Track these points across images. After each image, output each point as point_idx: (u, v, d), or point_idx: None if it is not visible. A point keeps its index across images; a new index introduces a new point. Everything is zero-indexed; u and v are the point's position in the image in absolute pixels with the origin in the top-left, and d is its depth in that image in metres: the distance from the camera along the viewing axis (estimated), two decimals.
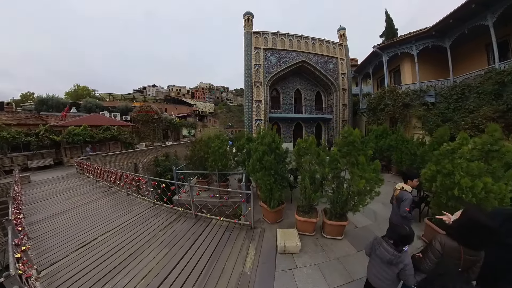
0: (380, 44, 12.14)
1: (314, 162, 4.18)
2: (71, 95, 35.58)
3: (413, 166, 7.49)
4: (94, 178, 9.70)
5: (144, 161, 15.50)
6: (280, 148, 4.88)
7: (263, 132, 6.33)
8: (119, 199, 7.06)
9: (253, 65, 15.93)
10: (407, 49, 11.11)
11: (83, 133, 14.38)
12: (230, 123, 60.59)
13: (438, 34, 9.92)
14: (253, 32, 16.16)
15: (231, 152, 7.16)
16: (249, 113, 15.83)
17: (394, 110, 11.30)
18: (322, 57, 17.24)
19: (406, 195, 2.95)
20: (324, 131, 19.70)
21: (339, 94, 17.54)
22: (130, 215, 5.51)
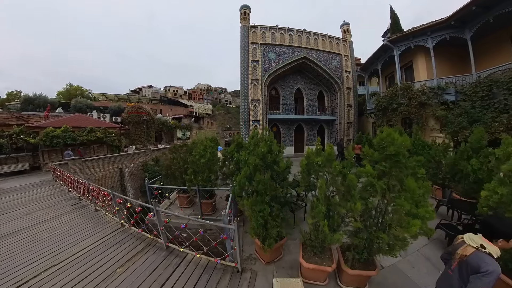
0: (391, 37, 10.98)
1: (335, 187, 2.86)
2: (63, 94, 34.38)
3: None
4: (67, 187, 8.52)
5: (131, 166, 14.21)
6: (279, 163, 3.57)
7: (257, 137, 5.04)
8: (86, 215, 5.93)
9: (250, 61, 14.80)
10: (421, 42, 10.00)
11: (64, 135, 13.09)
12: (228, 125, 59.39)
13: (458, 24, 8.77)
14: (250, 26, 15.11)
15: (217, 162, 5.86)
16: (245, 113, 14.62)
17: (408, 110, 10.12)
18: (325, 53, 16.18)
19: (490, 265, 1.49)
20: (327, 134, 18.54)
21: (344, 94, 16.39)
22: (90, 240, 4.40)
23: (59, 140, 12.89)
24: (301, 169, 3.37)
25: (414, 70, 11.12)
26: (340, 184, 2.71)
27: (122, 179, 13.18)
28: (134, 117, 17.53)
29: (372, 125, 15.72)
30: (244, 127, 14.56)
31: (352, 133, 16.34)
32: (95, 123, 15.59)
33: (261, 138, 4.33)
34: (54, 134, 12.77)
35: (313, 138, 18.17)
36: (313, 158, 3.20)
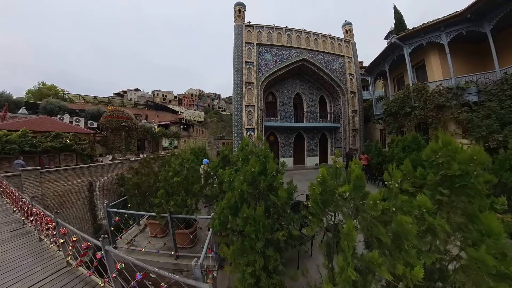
0: (400, 34, 10.51)
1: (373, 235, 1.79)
2: (34, 94, 32.22)
3: None
4: (13, 206, 7.29)
5: (104, 179, 12.88)
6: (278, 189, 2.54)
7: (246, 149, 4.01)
8: (26, 246, 4.75)
9: (244, 63, 14.21)
10: (434, 38, 9.55)
11: (21, 140, 11.75)
12: (222, 134, 58.46)
13: (475, 17, 8.34)
14: (244, 25, 14.72)
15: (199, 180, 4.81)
16: (238, 120, 13.74)
17: (424, 114, 9.41)
18: (326, 55, 15.84)
19: None
20: (330, 143, 17.79)
21: (347, 99, 15.84)
22: (21, 285, 3.27)
23: (14, 146, 11.52)
24: (311, 201, 2.34)
25: (427, 70, 10.64)
26: (383, 232, 1.65)
27: (91, 195, 11.80)
28: (113, 122, 16.40)
29: (380, 132, 15.09)
30: (237, 136, 13.61)
31: (358, 141, 15.60)
32: (64, 128, 14.35)
33: (253, 150, 3.33)
34: (8, 138, 11.42)
35: (315, 147, 17.33)
36: (331, 184, 2.18)
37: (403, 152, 9.09)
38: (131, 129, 17.19)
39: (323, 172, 2.33)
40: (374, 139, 14.97)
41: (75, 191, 11.09)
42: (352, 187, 1.94)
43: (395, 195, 1.84)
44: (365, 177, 8.28)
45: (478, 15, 8.25)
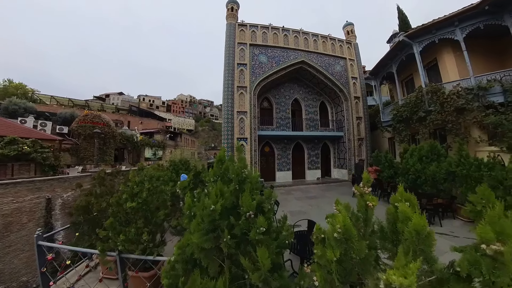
0: (409, 31, 10.13)
1: None
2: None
3: None
4: None
5: (67, 196, 11.50)
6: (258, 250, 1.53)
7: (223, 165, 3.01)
8: None
9: (236, 65, 13.67)
10: (448, 34, 9.19)
11: None
12: (213, 144, 57.15)
13: (493, 9, 7.97)
14: (237, 23, 14.42)
15: (165, 206, 3.82)
16: (228, 129, 12.89)
17: (442, 118, 8.72)
18: (326, 57, 15.58)
19: None
20: (333, 154, 17.09)
21: (351, 104, 15.34)
22: None
23: None
24: (318, 275, 1.36)
25: (440, 69, 10.26)
26: None
27: (48, 215, 10.40)
28: (87, 128, 15.16)
29: (389, 141, 14.49)
30: (226, 146, 12.66)
31: (365, 151, 14.89)
32: (23, 133, 12.99)
33: (228, 168, 2.42)
34: None
35: (316, 159, 16.51)
36: (361, 245, 1.24)
37: (420, 163, 8.38)
38: (107, 137, 15.96)
39: (343, 218, 1.34)
40: (383, 148, 14.32)
41: (27, 209, 9.71)
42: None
43: None
44: (376, 193, 7.27)
45: (497, 7, 7.87)
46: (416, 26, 10.03)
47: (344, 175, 15.36)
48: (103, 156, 15.83)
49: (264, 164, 15.43)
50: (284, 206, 8.63)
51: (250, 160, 12.57)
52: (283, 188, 13.03)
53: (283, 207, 8.46)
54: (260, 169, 14.65)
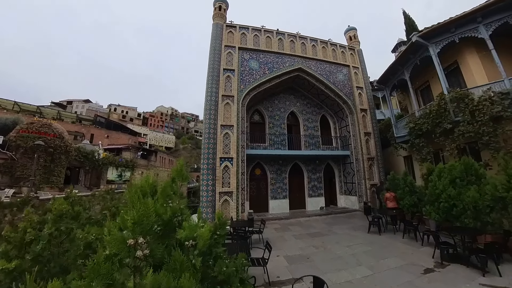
0: (424, 31, 9.74)
1: None
2: None
3: None
4: None
5: None
6: None
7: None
8: None
9: (221, 70, 13.02)
10: (470, 32, 8.79)
11: None
12: (196, 165, 54.66)
13: None
14: (225, 24, 14.16)
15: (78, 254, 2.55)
16: (209, 146, 11.74)
17: (475, 130, 7.89)
18: (327, 64, 15.40)
19: None
20: (338, 177, 16.11)
21: (357, 118, 14.78)
22: None
23: None
24: None
25: (463, 73, 9.81)
26: None
27: None
28: (29, 139, 13.47)
29: (405, 161, 13.72)
30: (206, 167, 11.35)
31: (377, 174, 13.92)
32: None
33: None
34: None
35: (318, 184, 15.35)
36: None
37: (453, 188, 7.31)
38: (58, 152, 14.30)
39: None
40: (398, 169, 13.43)
41: None
42: None
43: None
44: (396, 226, 5.92)
45: None
46: (432, 25, 9.65)
47: (354, 203, 14.13)
48: (49, 176, 14.04)
49: (254, 191, 14.10)
50: (280, 248, 7.16)
51: (235, 185, 11.22)
52: (278, 222, 11.57)
53: (278, 250, 6.99)
54: (250, 197, 13.35)
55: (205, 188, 10.86)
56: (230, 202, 10.96)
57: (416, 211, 9.10)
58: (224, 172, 11.43)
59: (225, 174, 11.40)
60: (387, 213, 9.39)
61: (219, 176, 11.21)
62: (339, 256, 6.55)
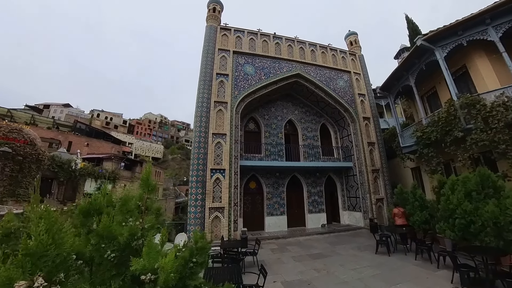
0: (429, 34, 9.71)
1: None
2: None
3: None
4: None
5: None
6: None
7: None
8: None
9: (214, 75, 12.90)
10: (479, 35, 8.77)
11: None
12: (186, 178, 53.70)
13: None
14: (219, 26, 14.24)
15: None
16: (199, 157, 11.33)
17: (490, 138, 7.67)
18: (327, 70, 15.49)
19: None
20: (341, 191, 15.76)
21: (359, 127, 14.68)
22: None
23: None
24: None
25: (473, 77, 9.73)
26: None
27: None
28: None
29: (413, 172, 13.45)
30: (195, 179, 10.89)
31: (383, 187, 13.67)
32: None
33: None
34: None
35: (319, 199, 14.94)
36: None
37: (469, 202, 7.00)
38: (27, 160, 13.58)
39: None
40: (406, 182, 13.19)
41: None
42: None
43: None
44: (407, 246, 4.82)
45: None
46: (437, 28, 9.64)
47: (358, 220, 13.67)
48: (16, 188, 13.27)
49: (248, 207, 13.61)
50: (276, 273, 6.63)
51: (228, 200, 10.72)
52: (275, 241, 11.01)
53: (275, 274, 6.47)
54: (243, 214, 12.87)
55: (193, 203, 10.32)
56: (221, 219, 10.41)
57: (428, 229, 8.71)
58: (215, 185, 10.96)
59: (216, 187, 10.93)
60: (396, 231, 8.95)
61: (210, 190, 10.72)
62: (344, 281, 6.05)
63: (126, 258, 1.87)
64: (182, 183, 51.51)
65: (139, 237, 1.86)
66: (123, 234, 1.90)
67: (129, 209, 2.07)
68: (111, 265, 1.85)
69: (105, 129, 54.99)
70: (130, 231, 1.84)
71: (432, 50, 9.83)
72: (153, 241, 1.74)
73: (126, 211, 2.06)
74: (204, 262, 2.12)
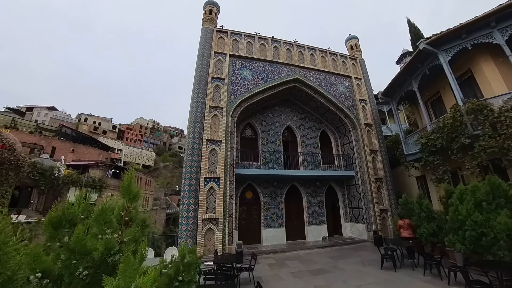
0: (432, 37, 9.79)
1: None
2: None
3: None
4: None
5: None
6: None
7: None
8: None
9: (210, 79, 12.88)
10: (484, 38, 8.87)
11: None
12: (178, 187, 52.93)
13: None
14: (215, 29, 14.35)
15: None
16: (192, 164, 11.15)
17: (499, 145, 7.64)
18: (326, 74, 15.60)
19: None
20: (342, 201, 15.54)
21: (361, 134, 14.70)
22: None
23: None
24: None
25: (479, 82, 9.78)
26: None
27: None
28: None
29: (418, 181, 13.39)
30: (188, 188, 10.66)
31: (387, 196, 13.55)
32: None
33: None
34: None
35: (319, 210, 14.73)
36: None
37: (480, 212, 6.88)
38: (4, 167, 13.21)
39: None
40: (411, 192, 13.11)
41: None
42: None
43: None
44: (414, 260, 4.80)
45: None
46: (441, 31, 9.72)
47: (362, 232, 13.43)
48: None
49: (244, 218, 13.29)
50: None
51: (222, 211, 10.46)
52: (272, 256, 10.69)
53: None
54: (239, 226, 12.55)
55: (185, 214, 10.03)
56: (215, 232, 10.11)
57: (436, 242, 8.54)
58: (209, 195, 10.71)
59: (210, 197, 10.68)
60: (402, 244, 8.73)
61: (203, 200, 10.45)
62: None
63: (100, 276, 1.67)
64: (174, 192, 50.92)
65: (116, 252, 1.66)
66: (98, 248, 1.70)
67: (107, 219, 1.87)
68: (82, 284, 1.64)
69: (93, 134, 54.41)
70: (106, 245, 1.64)
71: (435, 54, 9.90)
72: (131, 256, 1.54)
73: (103, 222, 1.86)
74: (191, 280, 1.92)
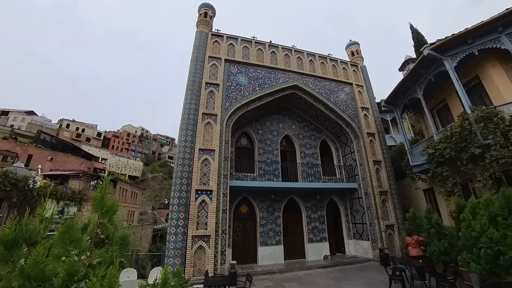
0: (437, 43, 9.89)
1: None
2: None
3: None
4: None
5: None
6: None
7: None
8: None
9: (203, 84, 12.90)
10: (491, 43, 8.96)
11: None
12: (167, 200, 52.12)
13: None
14: (211, 32, 14.49)
15: None
16: (183, 176, 10.92)
17: None
18: (326, 81, 15.81)
19: None
20: (345, 216, 15.43)
21: (364, 144, 14.80)
22: None
23: None
24: None
25: (487, 88, 9.82)
26: None
27: None
28: None
29: (425, 194, 13.30)
30: (177, 202, 10.36)
31: (393, 211, 13.44)
32: None
33: None
34: None
35: (320, 225, 14.61)
36: None
37: (495, 228, 6.71)
38: None
39: None
40: (418, 205, 13.09)
41: None
42: None
43: None
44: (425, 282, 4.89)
45: None
46: (445, 36, 9.84)
47: (366, 250, 13.20)
48: None
49: (238, 235, 13.03)
50: None
51: (214, 227, 10.16)
52: (269, 277, 10.39)
53: None
54: (233, 243, 12.30)
55: (174, 231, 9.66)
56: (206, 250, 9.75)
57: (449, 261, 8.35)
58: (201, 209, 10.44)
59: (202, 211, 10.39)
60: (411, 264, 8.46)
61: (194, 214, 10.15)
62: None
63: None
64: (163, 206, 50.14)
65: (81, 278, 1.41)
66: (59, 273, 1.44)
67: (74, 238, 1.62)
68: None
69: (75, 141, 53.35)
70: (68, 269, 1.39)
71: (440, 60, 9.98)
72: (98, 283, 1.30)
73: (69, 241, 1.61)
74: None
